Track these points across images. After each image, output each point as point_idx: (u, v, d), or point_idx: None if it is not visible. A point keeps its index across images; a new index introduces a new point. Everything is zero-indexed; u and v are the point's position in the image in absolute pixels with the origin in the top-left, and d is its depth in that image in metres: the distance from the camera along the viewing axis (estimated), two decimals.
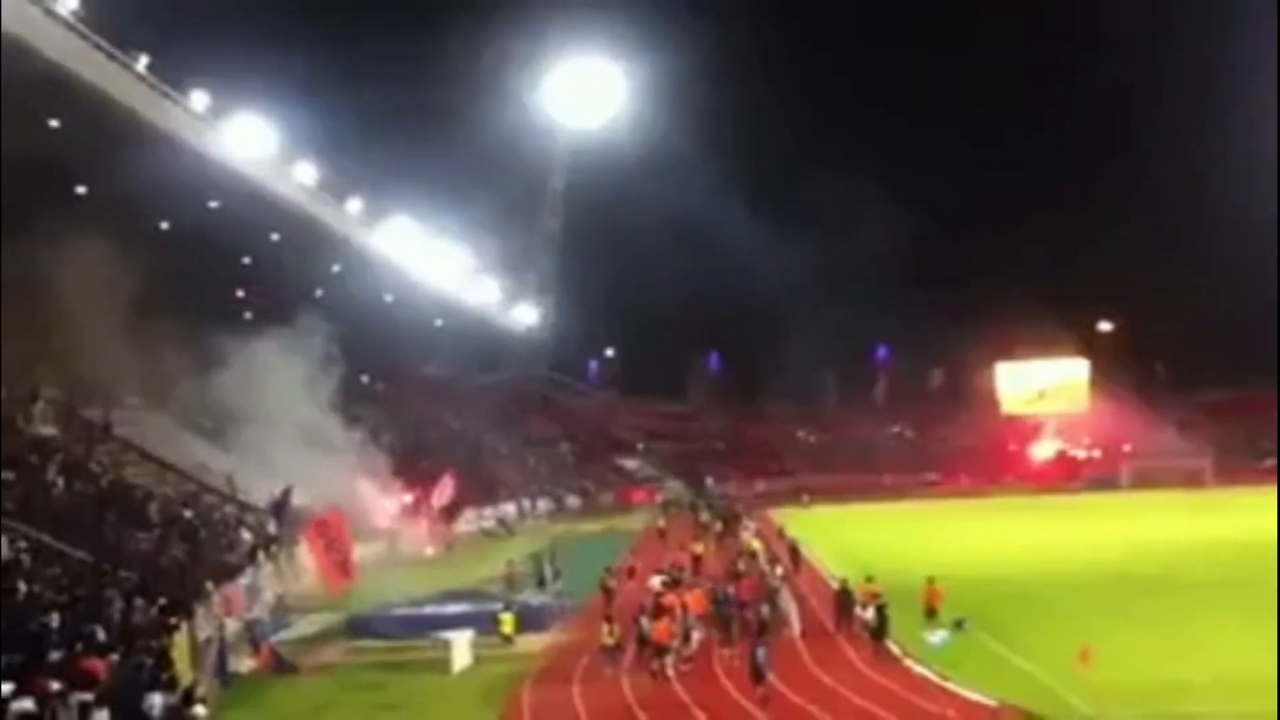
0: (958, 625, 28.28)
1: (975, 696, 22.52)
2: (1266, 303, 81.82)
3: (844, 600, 30.42)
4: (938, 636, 27.58)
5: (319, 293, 66.86)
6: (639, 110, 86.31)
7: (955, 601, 29.97)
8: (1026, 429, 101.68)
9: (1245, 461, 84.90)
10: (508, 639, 30.86)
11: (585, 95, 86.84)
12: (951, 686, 23.47)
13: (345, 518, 38.07)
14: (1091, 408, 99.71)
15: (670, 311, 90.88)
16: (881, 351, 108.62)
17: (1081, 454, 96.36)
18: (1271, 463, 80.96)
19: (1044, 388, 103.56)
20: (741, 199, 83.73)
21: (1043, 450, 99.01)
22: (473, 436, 76.97)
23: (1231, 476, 79.18)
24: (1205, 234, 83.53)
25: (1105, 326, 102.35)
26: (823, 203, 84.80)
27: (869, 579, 30.51)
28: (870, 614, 27.74)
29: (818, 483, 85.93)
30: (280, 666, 28.93)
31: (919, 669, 25.36)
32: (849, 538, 50.21)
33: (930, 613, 29.29)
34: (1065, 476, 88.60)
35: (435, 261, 73.82)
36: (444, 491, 58.10)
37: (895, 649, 26.95)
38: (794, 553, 43.25)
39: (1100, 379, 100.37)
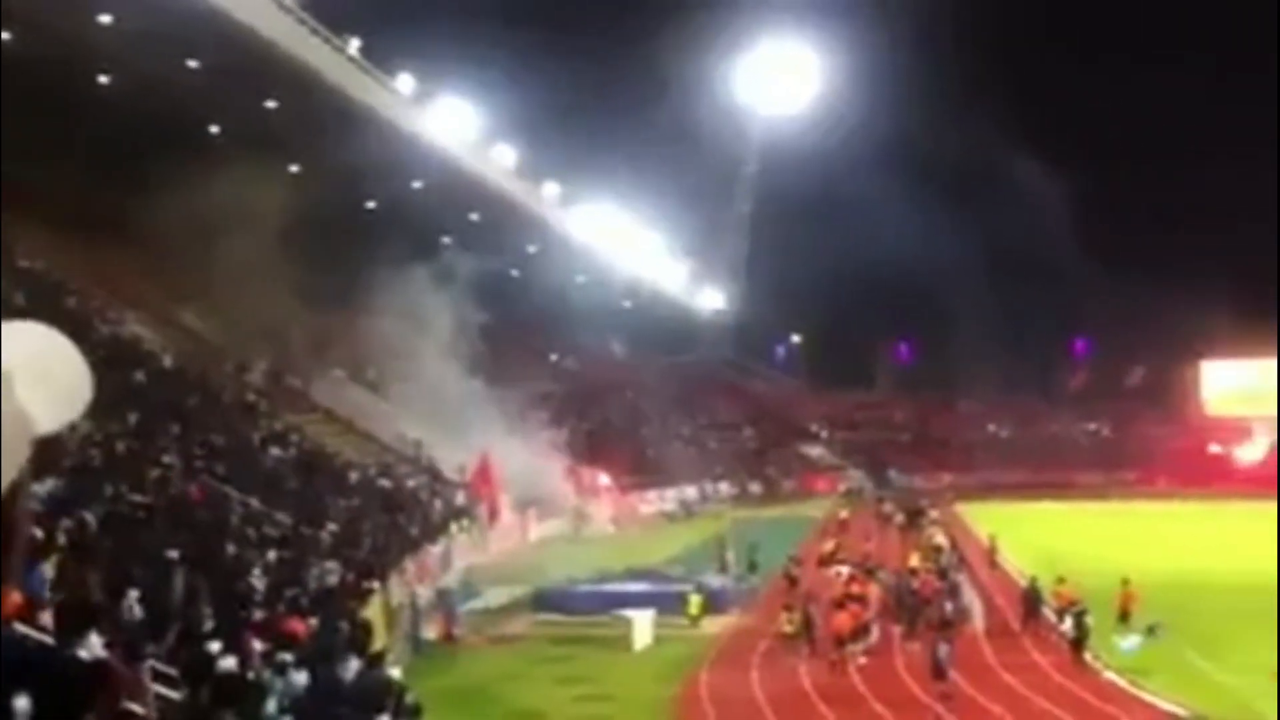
0: (1150, 631, 27.15)
1: (1167, 706, 21.82)
2: None
3: (1031, 599, 29.79)
4: (1130, 642, 26.71)
5: (515, 273, 68.43)
6: (832, 94, 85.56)
7: (1150, 606, 28.76)
8: (1231, 430, 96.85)
9: None
10: (695, 620, 31.15)
11: (779, 80, 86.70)
12: (1143, 695, 22.76)
13: (493, 460, 43.09)
14: None
15: (860, 299, 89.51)
16: (1079, 345, 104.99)
17: None
18: None
19: (1253, 388, 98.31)
20: (936, 184, 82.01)
21: (1251, 453, 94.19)
22: (656, 418, 77.54)
23: None
24: None
25: None
26: (1023, 189, 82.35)
27: (1060, 580, 29.73)
28: (1067, 622, 27.03)
29: (1007, 478, 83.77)
30: (451, 638, 29.79)
31: (1108, 675, 24.67)
32: (1038, 536, 48.83)
33: (1123, 616, 28.40)
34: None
35: (627, 243, 74.63)
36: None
37: (1085, 653, 26.25)
38: (991, 550, 42.30)
39: None
